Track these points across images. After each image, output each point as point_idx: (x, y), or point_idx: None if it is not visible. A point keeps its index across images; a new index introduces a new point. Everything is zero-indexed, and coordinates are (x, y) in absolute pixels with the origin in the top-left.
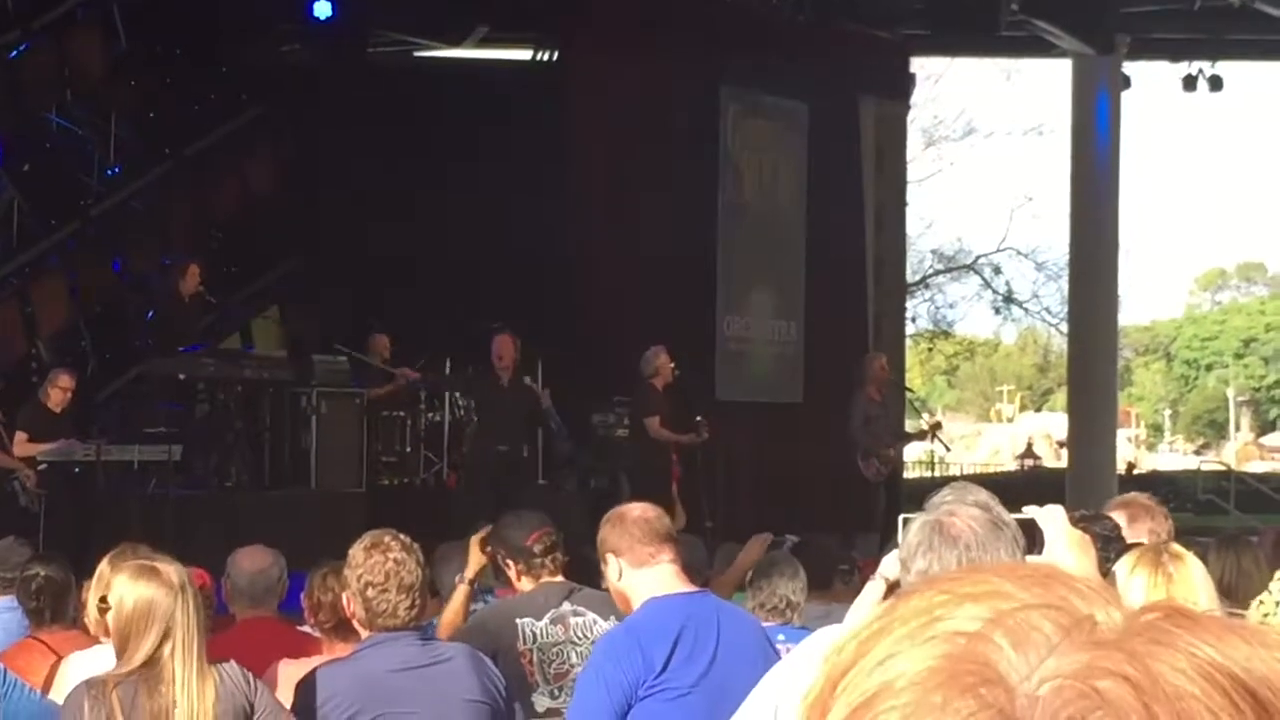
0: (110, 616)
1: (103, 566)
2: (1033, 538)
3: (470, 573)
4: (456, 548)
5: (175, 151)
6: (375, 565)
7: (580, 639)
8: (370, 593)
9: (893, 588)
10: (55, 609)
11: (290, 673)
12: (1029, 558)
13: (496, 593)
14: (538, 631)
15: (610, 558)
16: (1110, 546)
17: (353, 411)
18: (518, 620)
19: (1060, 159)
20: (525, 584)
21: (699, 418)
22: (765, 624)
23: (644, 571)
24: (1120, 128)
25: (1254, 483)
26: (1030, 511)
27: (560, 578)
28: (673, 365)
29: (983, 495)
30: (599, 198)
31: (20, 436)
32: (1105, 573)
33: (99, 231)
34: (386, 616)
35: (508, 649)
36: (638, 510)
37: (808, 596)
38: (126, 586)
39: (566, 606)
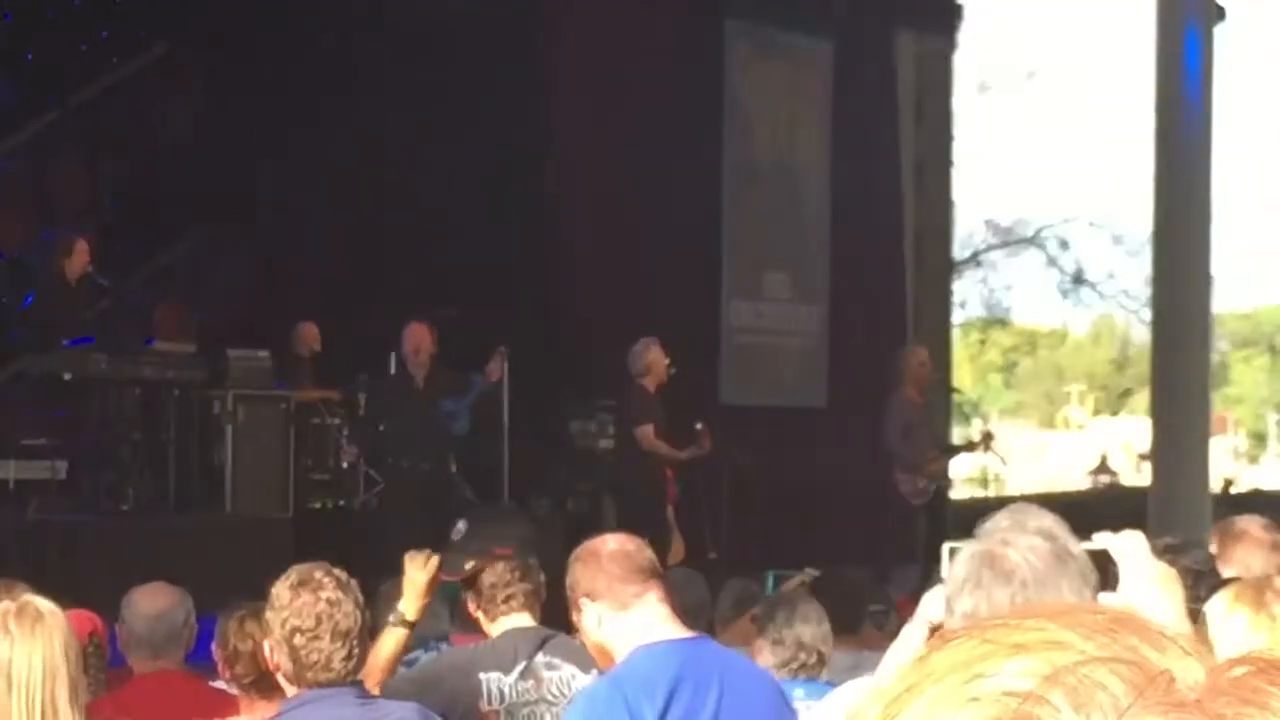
0: None
1: None
2: (1106, 572)
3: (412, 611)
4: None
5: (59, 100)
6: (304, 607)
7: (555, 697)
8: (298, 640)
9: (936, 632)
10: None
11: None
12: (1101, 596)
13: (452, 639)
14: (505, 689)
15: (585, 603)
16: (1202, 582)
17: (277, 419)
18: (481, 675)
19: (1142, 110)
20: (487, 626)
21: (699, 425)
22: (780, 677)
23: (627, 615)
24: (1213, 72)
25: None
26: (1103, 540)
27: (530, 619)
28: (668, 362)
29: (1047, 521)
30: (579, 158)
31: None
32: (1195, 614)
33: None
34: (318, 669)
35: (467, 709)
36: (613, 543)
37: (834, 644)
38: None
39: (540, 658)
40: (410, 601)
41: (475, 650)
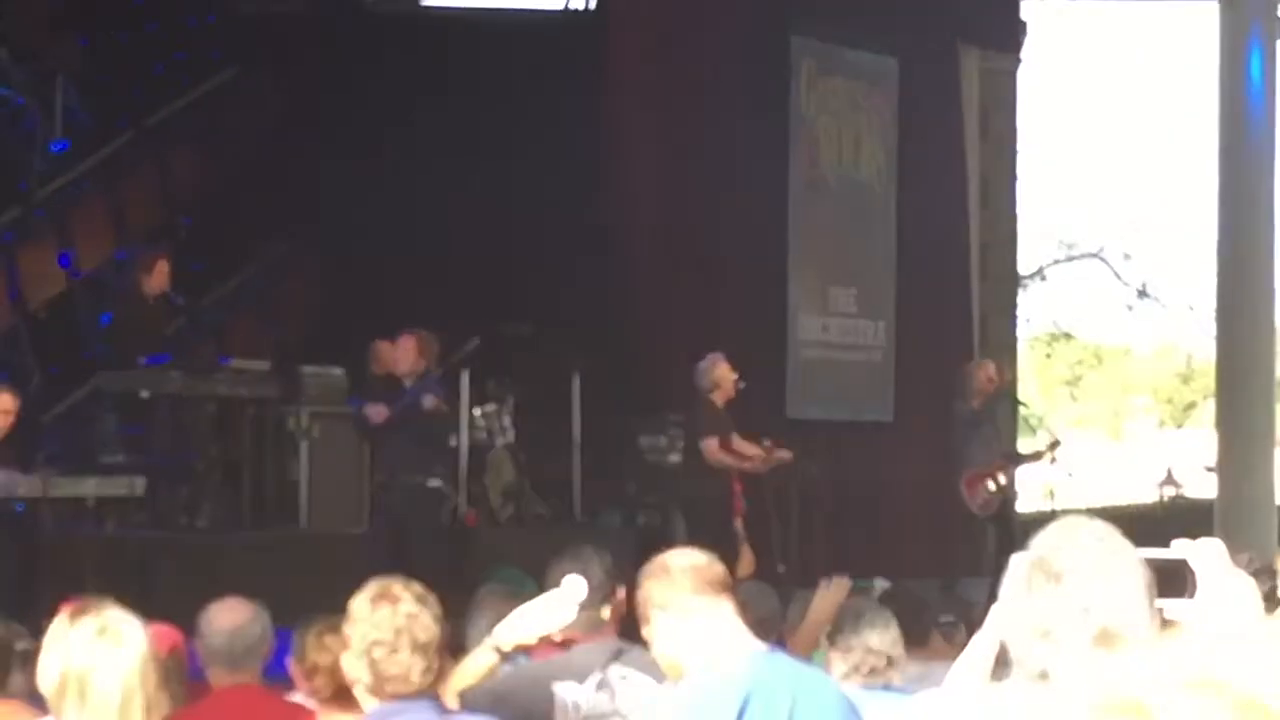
0: (52, 689)
1: (60, 626)
2: (1184, 581)
3: (512, 640)
4: (498, 595)
5: (134, 121)
6: (382, 620)
7: (629, 709)
8: (377, 653)
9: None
10: None
11: None
12: (1178, 604)
13: (531, 654)
14: (581, 701)
15: (656, 615)
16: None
17: (351, 434)
18: (555, 686)
19: (1206, 123)
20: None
21: (767, 440)
22: (852, 684)
23: (698, 629)
24: (1277, 84)
25: None
26: (1181, 548)
27: (611, 635)
28: (735, 377)
29: (1097, 525)
30: (644, 175)
31: None
32: None
33: (43, 219)
34: (397, 682)
35: (543, 718)
36: (684, 558)
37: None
38: (77, 651)
39: (614, 670)
40: (511, 634)
41: (550, 663)
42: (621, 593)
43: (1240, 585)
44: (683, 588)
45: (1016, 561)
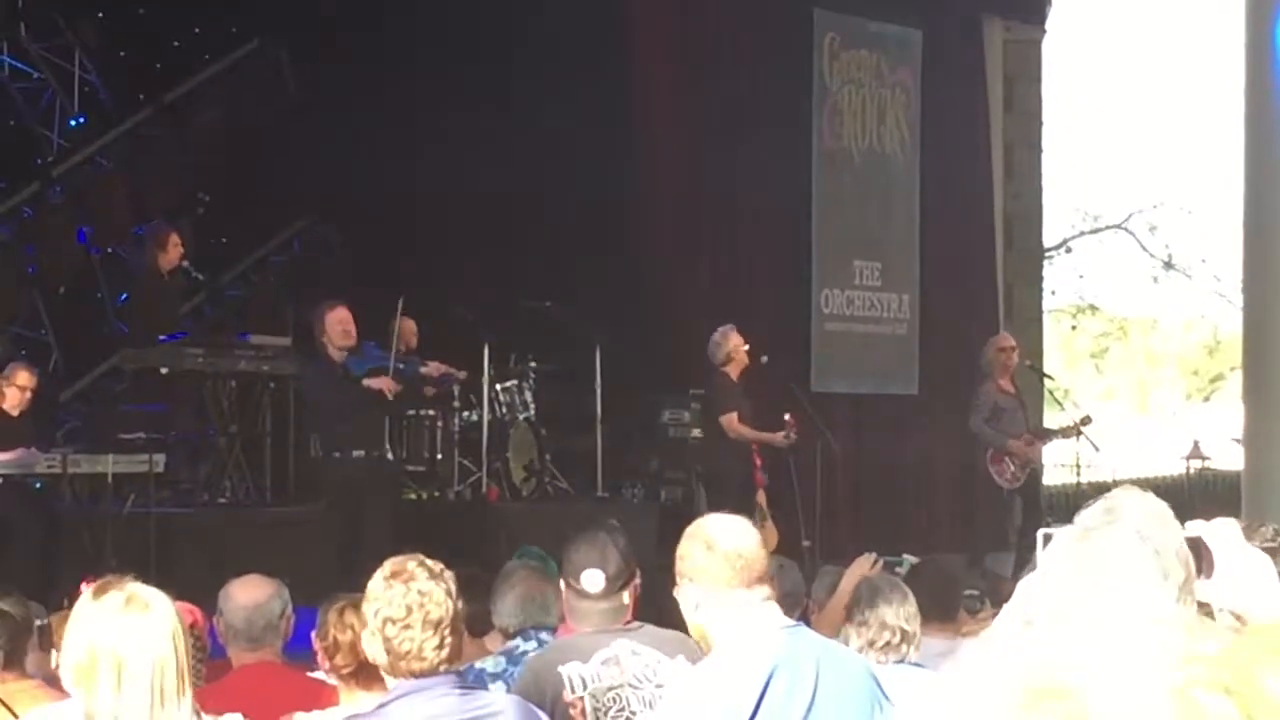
0: (79, 666)
1: (84, 602)
2: (1200, 559)
3: None
4: (520, 572)
5: (152, 96)
6: (395, 597)
7: (640, 681)
8: (390, 630)
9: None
10: (11, 652)
11: None
12: (1196, 584)
13: (559, 632)
14: (586, 676)
15: (686, 584)
16: None
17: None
18: (560, 669)
19: (1232, 93)
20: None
21: (786, 416)
22: (876, 663)
23: (725, 603)
24: None
25: None
26: (1196, 528)
27: (623, 618)
28: (747, 347)
29: (1143, 513)
30: (666, 147)
31: None
32: None
33: (61, 196)
34: (410, 659)
35: (554, 701)
36: (732, 540)
37: (929, 630)
38: (104, 627)
39: (620, 644)
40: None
41: (559, 645)
42: (639, 575)
43: (1258, 563)
44: (720, 573)
45: (1052, 542)
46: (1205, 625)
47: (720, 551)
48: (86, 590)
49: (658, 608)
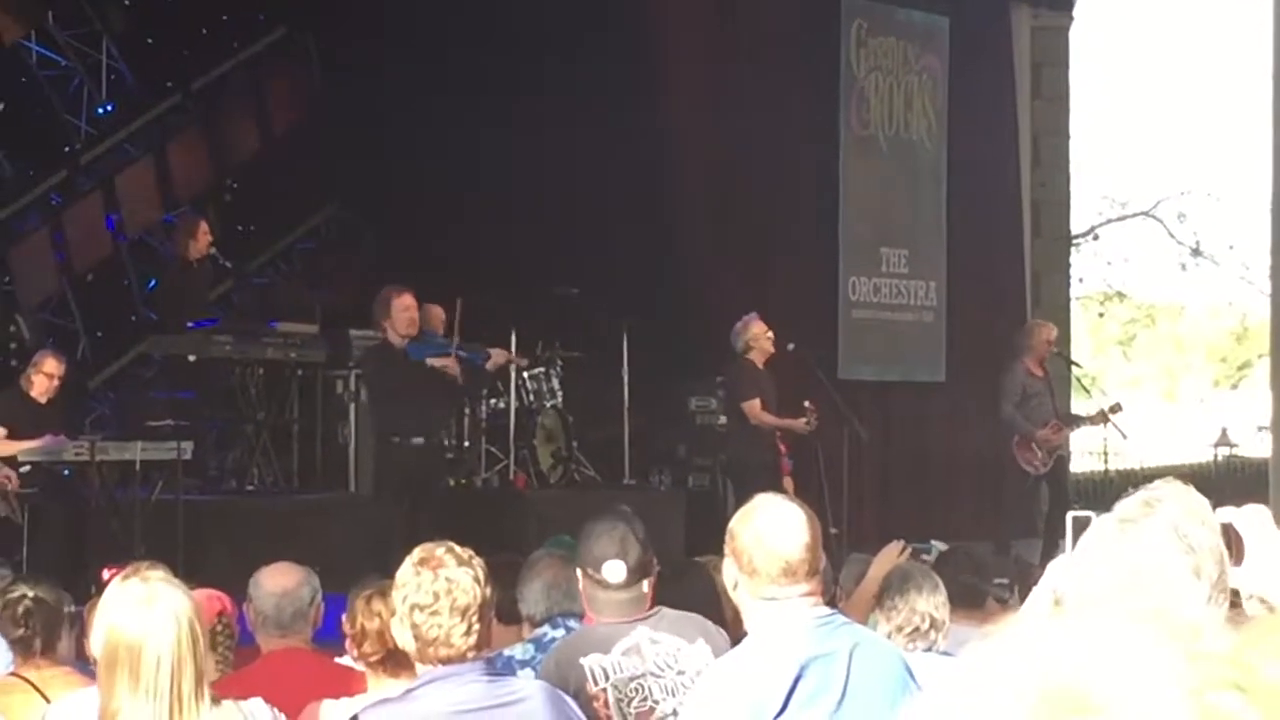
0: (100, 654)
1: (108, 592)
2: (1230, 546)
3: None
4: (545, 559)
5: (180, 84)
6: (423, 584)
7: (662, 669)
8: (418, 616)
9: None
10: (46, 638)
11: (333, 714)
12: (1227, 571)
13: (585, 620)
14: (608, 667)
15: (730, 565)
16: None
17: None
18: (581, 661)
19: (1261, 80)
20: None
21: (807, 402)
22: (906, 650)
23: (761, 600)
24: None
25: None
26: (1226, 515)
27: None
28: (770, 335)
29: (1180, 508)
30: (694, 134)
31: None
32: None
33: (89, 182)
34: (438, 645)
35: (577, 692)
36: (777, 537)
37: (957, 618)
38: (122, 617)
39: (640, 632)
40: None
41: (578, 637)
42: (657, 563)
43: None
44: (765, 569)
45: (1088, 530)
46: (1230, 623)
47: (765, 547)
48: (111, 579)
49: (688, 592)
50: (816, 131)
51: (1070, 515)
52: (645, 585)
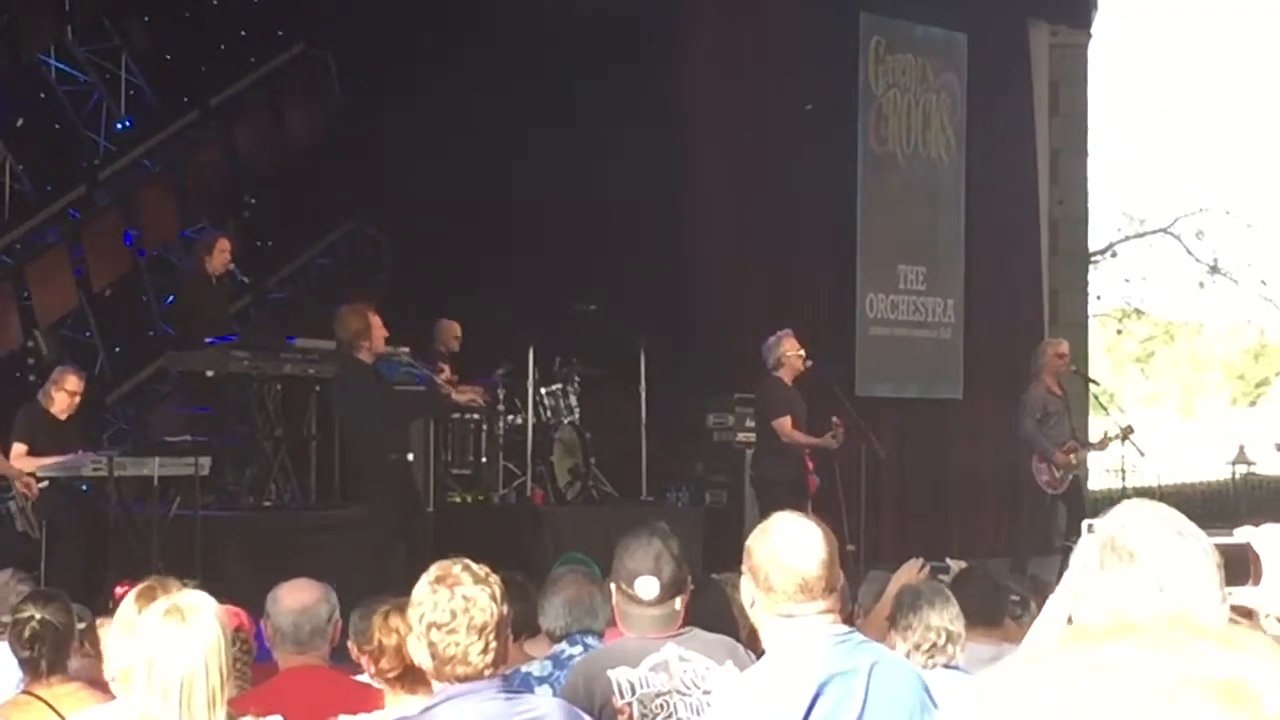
0: (120, 671)
1: (127, 608)
2: (1248, 566)
3: None
4: (568, 576)
5: (198, 100)
6: (440, 602)
7: (689, 688)
8: (435, 635)
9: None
10: (53, 659)
11: None
12: (1241, 591)
13: (606, 635)
14: (635, 681)
15: (747, 582)
16: None
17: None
18: (609, 673)
19: (1278, 96)
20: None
21: (834, 418)
22: (923, 667)
23: (778, 618)
24: None
25: None
26: (1244, 534)
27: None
28: (802, 353)
29: (1162, 509)
30: (712, 151)
31: (18, 449)
32: None
33: (108, 198)
34: (456, 663)
35: (603, 706)
36: (794, 555)
37: (974, 636)
38: (144, 635)
39: (669, 650)
40: None
41: (608, 649)
42: (690, 581)
43: None
44: (782, 588)
45: (1086, 541)
46: (1238, 632)
47: (780, 563)
48: (125, 595)
49: (704, 610)
50: (835, 148)
51: (1087, 522)
52: (678, 603)
